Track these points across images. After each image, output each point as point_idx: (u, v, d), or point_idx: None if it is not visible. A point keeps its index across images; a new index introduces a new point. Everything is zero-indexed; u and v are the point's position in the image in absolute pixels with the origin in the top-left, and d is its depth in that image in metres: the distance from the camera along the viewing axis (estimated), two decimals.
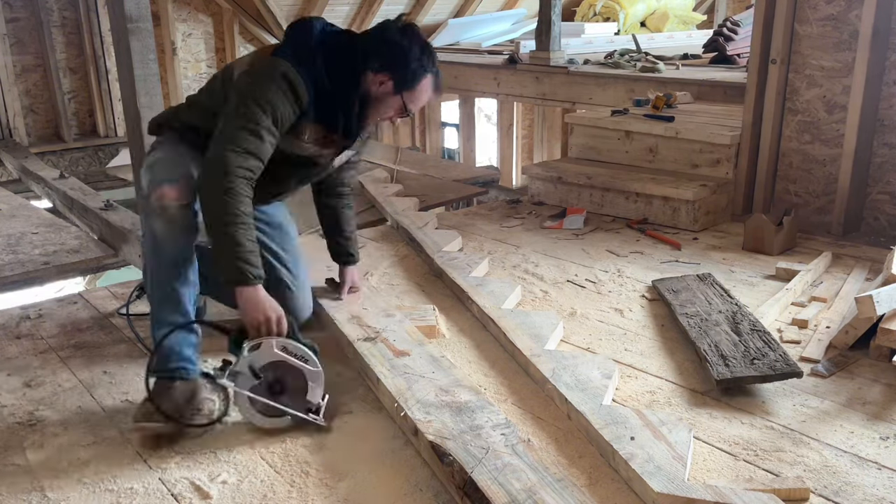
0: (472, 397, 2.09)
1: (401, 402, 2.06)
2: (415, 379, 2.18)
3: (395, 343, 2.40)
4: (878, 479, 1.87)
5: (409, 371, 2.23)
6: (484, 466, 1.77)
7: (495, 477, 1.74)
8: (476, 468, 1.76)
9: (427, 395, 2.10)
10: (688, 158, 4.10)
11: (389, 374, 2.21)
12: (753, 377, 2.23)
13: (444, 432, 1.91)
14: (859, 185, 3.71)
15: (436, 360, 2.30)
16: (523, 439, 1.90)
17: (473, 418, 1.98)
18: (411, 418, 1.98)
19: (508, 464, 1.79)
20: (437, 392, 2.11)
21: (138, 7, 2.95)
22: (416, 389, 2.12)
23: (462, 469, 1.76)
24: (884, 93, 3.63)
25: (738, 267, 3.30)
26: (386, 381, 2.18)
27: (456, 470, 1.77)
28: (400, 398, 2.08)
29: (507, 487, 1.71)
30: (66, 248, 3.75)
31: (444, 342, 2.59)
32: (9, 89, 5.96)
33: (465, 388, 2.14)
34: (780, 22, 3.77)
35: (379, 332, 2.47)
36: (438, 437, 1.89)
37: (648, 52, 6.39)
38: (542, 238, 3.74)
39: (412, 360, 2.30)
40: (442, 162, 6.53)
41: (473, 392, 2.12)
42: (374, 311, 2.64)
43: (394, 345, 2.39)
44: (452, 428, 1.93)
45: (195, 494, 1.84)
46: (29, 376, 2.42)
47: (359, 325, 2.53)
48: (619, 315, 2.84)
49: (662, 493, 1.72)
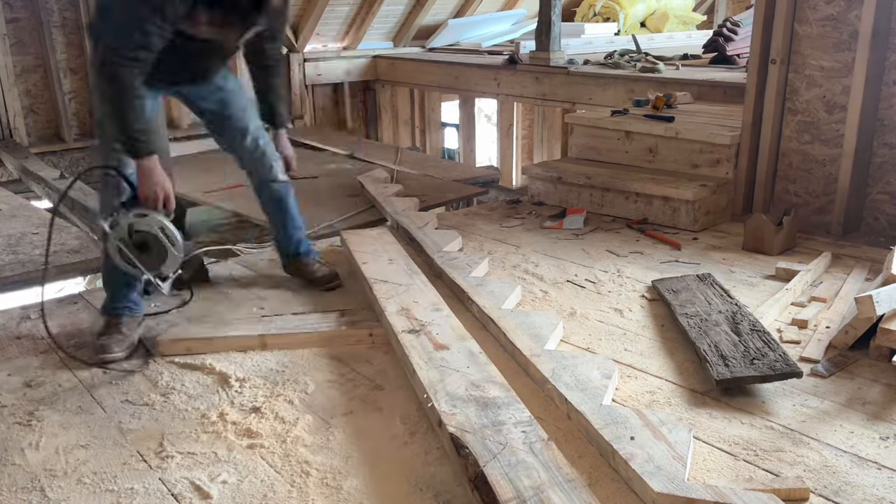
0: (500, 393, 2.11)
1: (430, 394, 2.10)
2: (449, 372, 2.23)
3: (437, 336, 2.46)
4: (878, 479, 1.88)
5: (444, 364, 2.28)
6: (497, 461, 1.79)
7: (506, 472, 1.75)
8: (490, 462, 1.78)
9: (457, 388, 2.14)
10: (688, 158, 4.10)
11: (425, 366, 2.26)
12: (753, 377, 2.23)
13: (466, 426, 1.94)
14: (859, 185, 3.71)
15: (473, 355, 2.35)
16: (543, 438, 1.90)
17: (498, 414, 2.00)
18: (437, 410, 2.02)
19: (522, 461, 1.80)
20: (468, 387, 2.14)
21: None
22: (447, 382, 2.17)
23: (475, 462, 1.78)
24: (884, 93, 3.63)
25: (738, 267, 3.30)
26: (420, 371, 2.23)
27: (470, 462, 1.80)
28: (430, 390, 2.13)
29: (516, 484, 1.72)
30: (67, 248, 3.75)
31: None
32: (9, 89, 5.95)
33: (496, 384, 2.17)
34: (779, 22, 3.77)
35: (424, 325, 2.53)
36: (459, 430, 1.92)
37: (648, 53, 6.39)
38: (542, 238, 3.74)
39: (450, 353, 2.35)
40: (442, 162, 6.53)
41: (503, 389, 2.14)
42: (424, 304, 2.71)
43: (436, 338, 2.45)
44: (475, 422, 1.96)
45: (195, 494, 1.84)
46: (29, 376, 2.42)
47: (406, 317, 2.60)
48: (618, 315, 2.85)
49: (662, 493, 1.72)
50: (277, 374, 2.42)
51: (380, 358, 2.51)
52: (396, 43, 7.94)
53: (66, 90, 6.24)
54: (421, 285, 2.89)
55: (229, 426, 2.13)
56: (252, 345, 2.58)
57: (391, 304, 2.70)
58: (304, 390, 2.31)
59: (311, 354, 2.55)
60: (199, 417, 2.18)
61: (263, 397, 2.27)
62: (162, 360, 2.53)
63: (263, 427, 2.11)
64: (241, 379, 2.38)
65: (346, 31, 7.56)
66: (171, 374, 2.43)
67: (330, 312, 2.79)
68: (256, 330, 2.62)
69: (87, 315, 2.88)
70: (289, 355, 2.54)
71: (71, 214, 4.49)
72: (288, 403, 2.24)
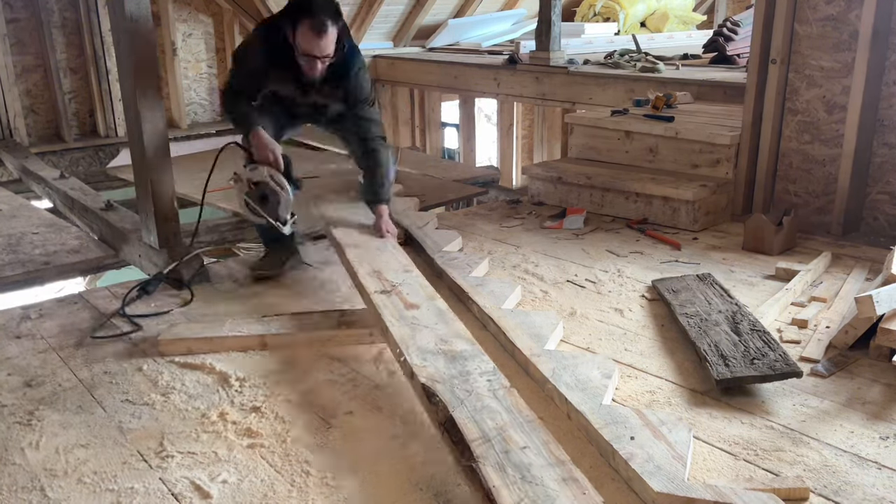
0: (467, 347, 2.25)
1: (402, 349, 2.23)
2: (419, 329, 2.35)
3: (407, 296, 2.58)
4: (878, 478, 1.88)
5: (416, 322, 2.40)
6: (465, 407, 1.93)
7: (472, 416, 1.89)
8: (458, 408, 1.92)
9: (427, 343, 2.26)
10: (688, 158, 4.10)
11: (397, 324, 2.38)
12: (753, 377, 2.23)
13: (436, 376, 2.07)
14: (859, 185, 3.71)
15: (442, 312, 2.47)
16: (505, 385, 2.04)
17: (465, 365, 2.14)
18: (409, 363, 2.15)
19: (487, 406, 1.94)
20: (437, 341, 2.27)
21: (138, 7, 2.95)
22: (418, 338, 2.29)
23: (445, 408, 1.92)
24: (884, 93, 3.63)
25: (738, 267, 3.30)
26: (393, 328, 2.35)
27: (440, 409, 1.93)
28: (402, 345, 2.25)
29: (482, 426, 1.86)
30: (67, 248, 3.75)
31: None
32: (9, 89, 5.95)
33: (462, 339, 2.30)
34: (780, 22, 3.77)
35: (395, 286, 2.65)
36: (430, 381, 2.04)
37: (648, 53, 6.38)
38: (542, 238, 3.74)
39: (421, 312, 2.47)
40: (442, 162, 6.53)
41: (469, 342, 2.28)
42: (395, 267, 2.85)
43: (406, 298, 2.57)
44: (444, 373, 2.09)
45: (195, 494, 1.84)
46: (29, 376, 2.42)
47: (378, 278, 2.73)
48: (618, 315, 2.85)
49: (662, 493, 1.73)
50: (277, 373, 2.43)
51: (380, 358, 2.51)
52: (396, 43, 7.94)
53: (66, 90, 6.24)
54: (392, 249, 3.03)
55: (229, 426, 2.13)
56: (252, 345, 2.59)
57: (362, 267, 2.81)
58: (304, 390, 2.32)
59: (311, 354, 2.55)
60: (199, 417, 2.18)
61: (264, 397, 2.28)
62: (162, 359, 2.53)
63: (263, 427, 2.12)
64: (241, 378, 2.38)
65: None
66: (172, 374, 2.43)
67: (330, 312, 2.79)
68: (256, 330, 2.62)
69: (88, 315, 2.88)
70: (289, 355, 2.54)
71: (71, 214, 4.49)
72: (288, 403, 2.24)
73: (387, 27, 7.76)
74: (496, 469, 1.71)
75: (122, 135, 6.33)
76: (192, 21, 6.90)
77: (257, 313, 2.85)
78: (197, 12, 6.92)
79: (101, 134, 6.41)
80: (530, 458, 1.75)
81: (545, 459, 1.76)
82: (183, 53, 6.86)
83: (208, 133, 6.84)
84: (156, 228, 3.17)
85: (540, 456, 1.77)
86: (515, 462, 1.74)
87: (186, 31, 6.88)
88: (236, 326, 2.65)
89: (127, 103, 3.22)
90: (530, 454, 1.77)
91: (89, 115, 6.42)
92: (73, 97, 6.31)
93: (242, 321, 2.72)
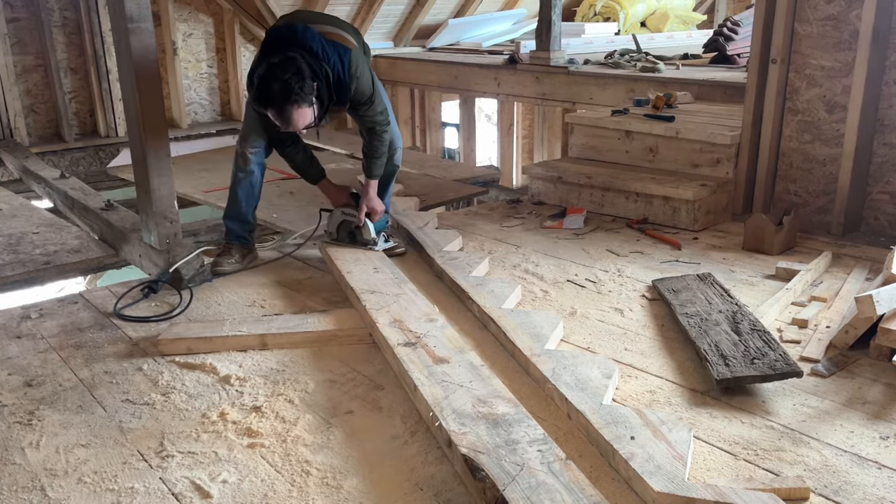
0: (510, 409, 2.03)
1: (436, 412, 2.01)
2: (452, 388, 2.13)
3: (435, 349, 2.36)
4: (878, 478, 1.88)
5: (447, 379, 2.18)
6: (517, 484, 1.71)
7: (528, 496, 1.68)
8: (509, 486, 1.70)
9: (464, 405, 2.05)
10: (688, 158, 4.10)
11: (427, 382, 2.16)
12: (753, 377, 2.23)
13: (479, 445, 1.86)
14: (859, 184, 3.71)
15: (475, 368, 2.26)
16: (560, 457, 1.83)
17: (510, 432, 1.92)
18: (445, 429, 1.94)
19: (543, 483, 1.72)
20: (475, 403, 2.06)
21: (139, 7, 2.94)
22: (453, 399, 2.08)
23: (494, 486, 1.71)
24: (884, 93, 3.63)
25: (738, 267, 3.30)
26: (423, 388, 2.13)
27: (488, 486, 1.72)
28: (436, 407, 2.04)
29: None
30: (67, 247, 3.75)
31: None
32: (9, 89, 5.94)
33: (503, 399, 2.08)
34: (780, 22, 3.77)
35: (420, 338, 2.44)
36: (472, 451, 1.84)
37: (648, 52, 6.38)
38: (542, 238, 3.74)
39: (451, 367, 2.25)
40: (442, 162, 6.53)
41: (512, 405, 2.06)
42: (417, 315, 2.61)
43: (434, 351, 2.35)
44: (487, 441, 1.88)
45: (196, 494, 1.84)
46: (29, 376, 2.42)
47: (400, 328, 2.51)
48: (619, 315, 2.85)
49: (662, 493, 1.73)
50: (278, 373, 2.43)
51: (380, 358, 2.51)
52: (397, 42, 7.94)
53: (66, 90, 6.23)
54: (411, 294, 2.81)
55: (230, 425, 2.13)
56: (252, 344, 2.59)
57: (382, 316, 2.60)
58: (304, 390, 2.32)
59: (311, 354, 2.55)
60: (199, 417, 2.18)
61: (264, 397, 2.28)
62: (163, 359, 2.53)
63: (264, 426, 2.12)
64: (241, 378, 2.38)
65: None
66: (172, 374, 2.43)
67: (330, 312, 2.79)
68: (257, 329, 2.62)
69: (88, 315, 2.88)
70: (289, 355, 2.54)
71: (71, 214, 4.49)
72: (288, 403, 2.24)
73: (387, 27, 7.76)
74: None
75: (122, 135, 6.32)
76: (192, 21, 6.90)
77: (257, 313, 2.85)
78: (197, 12, 6.91)
79: (102, 134, 6.40)
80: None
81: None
82: (183, 53, 6.86)
83: (208, 133, 6.84)
84: (156, 228, 3.17)
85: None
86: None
87: (187, 31, 6.88)
88: (236, 326, 2.65)
89: (127, 103, 3.22)
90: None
91: (90, 115, 6.42)
92: (74, 97, 6.31)
93: (242, 321, 2.72)
